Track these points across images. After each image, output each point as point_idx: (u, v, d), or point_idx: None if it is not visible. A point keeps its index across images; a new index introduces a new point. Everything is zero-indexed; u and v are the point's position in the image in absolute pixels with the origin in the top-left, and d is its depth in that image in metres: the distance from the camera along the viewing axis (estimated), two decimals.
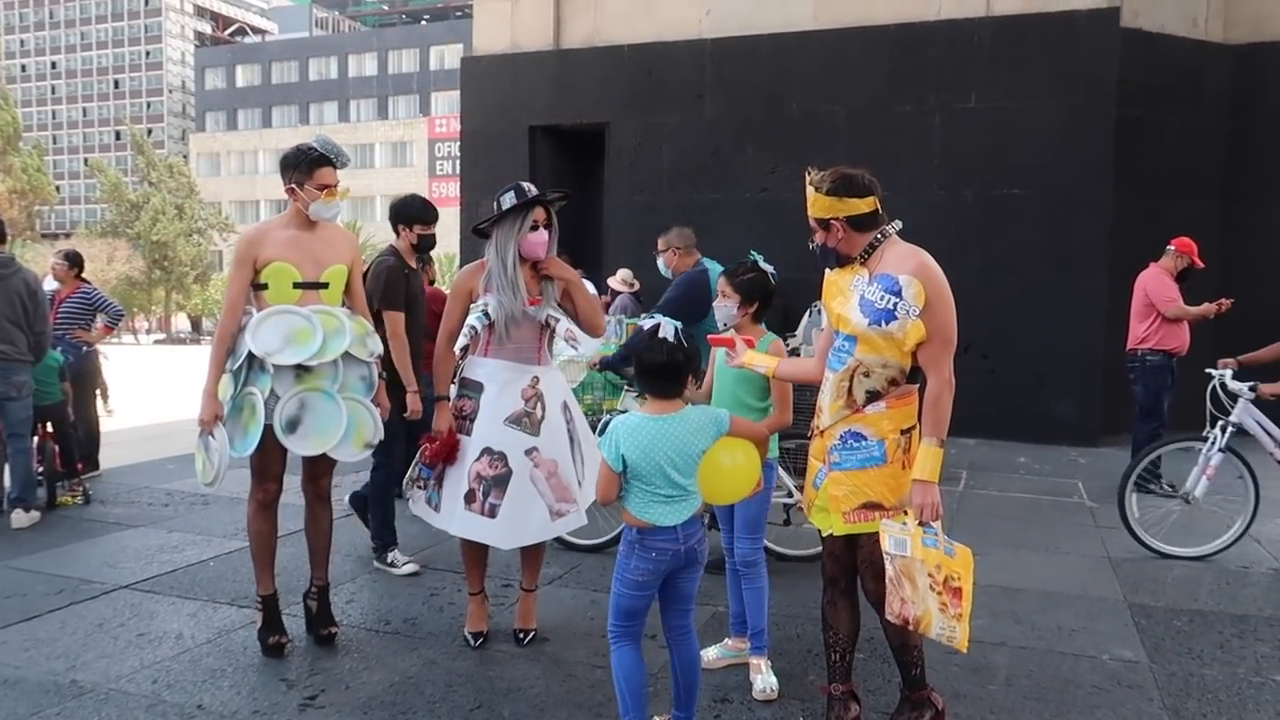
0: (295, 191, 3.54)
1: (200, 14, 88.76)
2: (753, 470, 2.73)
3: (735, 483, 2.74)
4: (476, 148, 11.09)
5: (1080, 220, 8.66)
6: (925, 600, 2.59)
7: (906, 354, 2.70)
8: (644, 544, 2.65)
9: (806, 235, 2.87)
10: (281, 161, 3.64)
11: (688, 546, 2.66)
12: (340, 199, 3.60)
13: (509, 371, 3.58)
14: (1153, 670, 3.54)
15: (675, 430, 2.63)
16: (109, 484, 6.63)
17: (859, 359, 2.75)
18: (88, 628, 3.87)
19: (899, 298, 2.65)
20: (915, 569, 2.60)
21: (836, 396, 2.80)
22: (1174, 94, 9.09)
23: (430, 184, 58.92)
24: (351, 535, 5.30)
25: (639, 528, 2.65)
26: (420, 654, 3.63)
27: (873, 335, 2.70)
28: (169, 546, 5.05)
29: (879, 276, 2.71)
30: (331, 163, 3.56)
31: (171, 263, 48.27)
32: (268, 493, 3.62)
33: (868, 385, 2.74)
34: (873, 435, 2.74)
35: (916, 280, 2.64)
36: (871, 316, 2.69)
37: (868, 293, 2.71)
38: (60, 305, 6.79)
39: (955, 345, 2.71)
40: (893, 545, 2.63)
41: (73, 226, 68.00)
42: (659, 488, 2.62)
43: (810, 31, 9.47)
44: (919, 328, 2.65)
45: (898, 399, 2.74)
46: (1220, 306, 6.41)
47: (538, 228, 3.56)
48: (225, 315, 3.56)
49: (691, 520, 2.67)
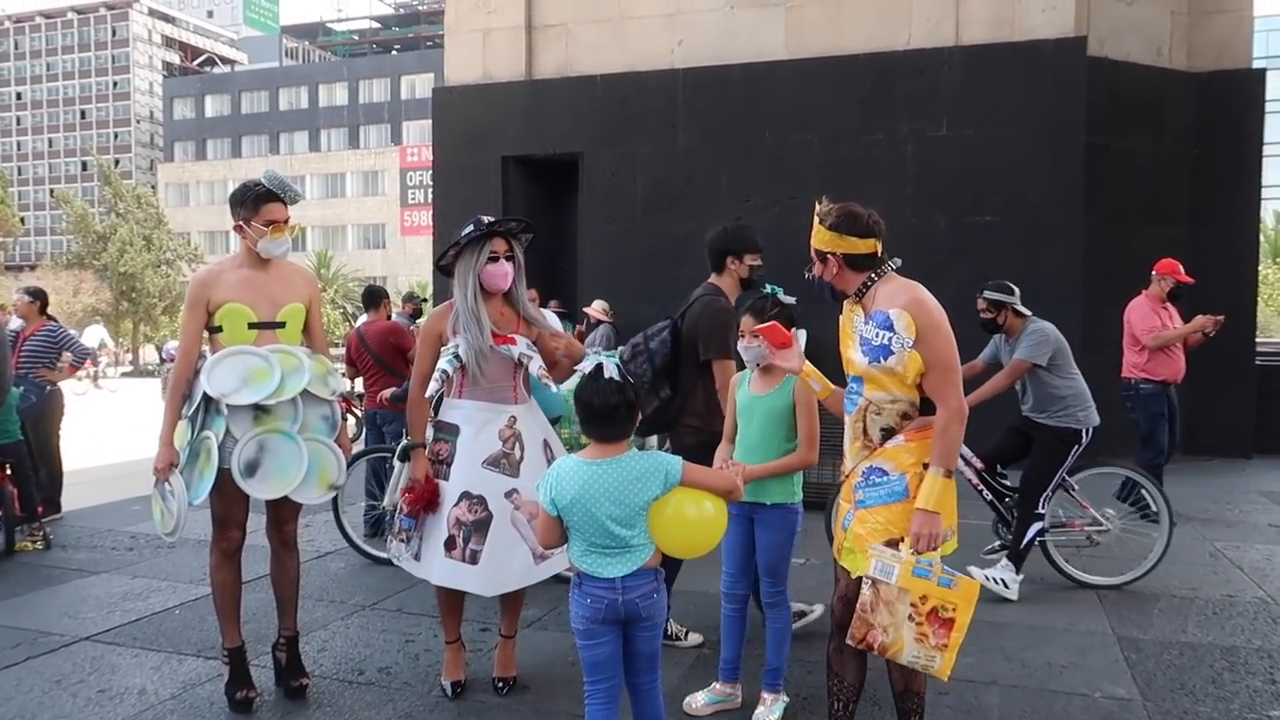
0: (243, 229, 3.44)
1: (169, 44, 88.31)
2: (721, 521, 2.58)
3: (701, 535, 2.56)
4: (449, 178, 11.01)
5: (1052, 246, 8.71)
6: (900, 629, 2.57)
7: (911, 387, 2.70)
8: (581, 590, 2.55)
9: (780, 262, 2.85)
10: (230, 198, 3.54)
11: (627, 599, 2.50)
12: (290, 235, 3.49)
13: (485, 412, 3.48)
14: (1146, 708, 3.48)
15: (613, 476, 2.48)
16: (70, 527, 6.43)
17: (868, 398, 2.76)
18: (45, 684, 3.70)
19: (891, 332, 2.66)
20: (896, 597, 2.57)
21: (854, 438, 2.81)
22: (1140, 121, 9.21)
23: (403, 213, 58.80)
24: (323, 579, 5.16)
25: (578, 574, 2.56)
26: (395, 706, 3.50)
27: (875, 373, 2.71)
28: (132, 594, 4.88)
29: (874, 314, 2.72)
30: (279, 198, 3.46)
31: (139, 294, 47.64)
32: (230, 540, 3.49)
33: (881, 423, 2.75)
34: (894, 470, 2.71)
35: (905, 313, 2.64)
36: (870, 355, 2.70)
37: (865, 331, 2.73)
38: (24, 343, 6.61)
39: (959, 374, 2.69)
40: (877, 570, 2.59)
41: (38, 258, 67.09)
42: (595, 536, 2.49)
43: (781, 61, 9.52)
44: (916, 359, 2.65)
45: (916, 431, 2.72)
46: (1214, 322, 6.37)
47: (497, 259, 3.46)
48: (179, 360, 3.46)
49: (637, 573, 2.51)
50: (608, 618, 2.53)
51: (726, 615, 3.42)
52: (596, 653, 2.56)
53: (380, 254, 59.32)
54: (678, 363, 3.89)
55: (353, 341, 6.33)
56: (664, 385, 3.89)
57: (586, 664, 2.59)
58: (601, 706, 2.58)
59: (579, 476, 2.50)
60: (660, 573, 2.60)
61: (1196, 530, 6.34)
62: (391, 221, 59.72)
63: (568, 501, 2.49)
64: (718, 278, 4.00)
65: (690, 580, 4.14)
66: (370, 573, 5.30)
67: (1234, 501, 7.27)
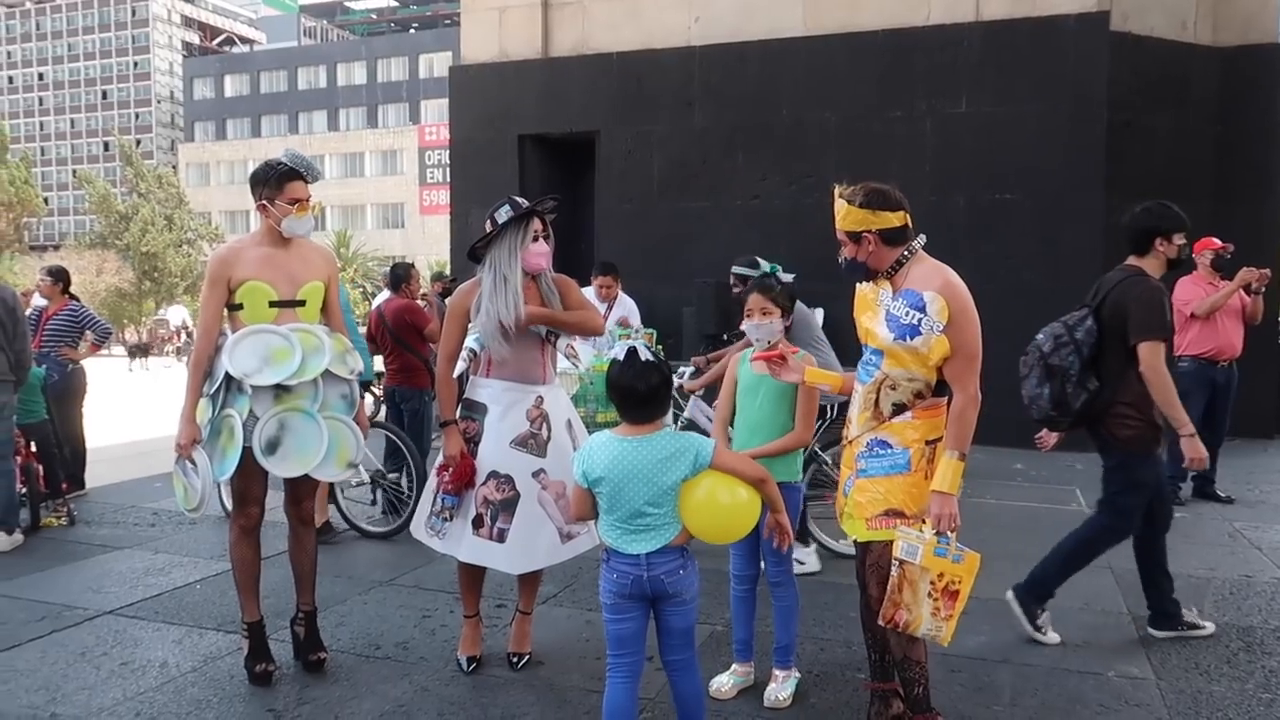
0: (266, 208, 3.45)
1: (188, 24, 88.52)
2: (755, 506, 2.62)
3: (735, 522, 2.60)
4: (466, 157, 11.01)
5: (1072, 224, 8.62)
6: (920, 606, 2.66)
7: (932, 369, 2.74)
8: (609, 565, 2.60)
9: (798, 240, 2.85)
10: (251, 178, 3.55)
11: (652, 575, 2.54)
12: (312, 213, 3.51)
13: (512, 392, 3.50)
14: (1160, 687, 3.48)
15: (644, 454, 2.52)
16: (94, 504, 6.52)
17: (885, 373, 2.79)
18: (69, 657, 3.78)
19: (923, 313, 2.69)
20: (918, 576, 2.65)
21: (864, 408, 2.85)
22: (1164, 97, 9.06)
23: (421, 192, 58.88)
24: (340, 556, 5.22)
25: (606, 548, 2.61)
26: (412, 680, 3.55)
27: (898, 350, 2.74)
28: (154, 569, 4.95)
29: (904, 292, 2.75)
30: (302, 176, 3.47)
31: (161, 274, 48.05)
32: (250, 518, 3.53)
33: (894, 398, 2.79)
34: (898, 444, 2.77)
35: (941, 297, 2.68)
36: (897, 332, 2.73)
37: (893, 308, 2.75)
38: (47, 322, 6.69)
39: (980, 362, 2.73)
40: (904, 551, 2.67)
41: (61, 238, 67.65)
42: (622, 512, 2.53)
43: (799, 38, 9.42)
44: (943, 343, 2.68)
45: (925, 410, 2.77)
46: (1259, 275, 6.16)
47: (538, 239, 3.50)
48: (200, 338, 3.48)
49: (663, 550, 2.54)
50: (634, 593, 2.57)
51: (737, 596, 3.44)
52: (622, 628, 2.60)
53: (399, 233, 59.44)
54: (1101, 351, 3.76)
55: (373, 319, 6.41)
56: (1090, 377, 3.75)
57: (611, 638, 2.62)
58: (623, 682, 2.61)
59: (610, 452, 2.54)
60: (688, 550, 2.63)
61: (1216, 510, 6.30)
62: (410, 201, 59.81)
63: (598, 475, 2.54)
64: (1140, 259, 3.84)
65: (697, 556, 4.16)
66: (387, 549, 5.36)
67: (1254, 482, 7.21)
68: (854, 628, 3.82)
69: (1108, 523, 3.89)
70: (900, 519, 2.74)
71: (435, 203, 55.33)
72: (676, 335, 8.78)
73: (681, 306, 9.05)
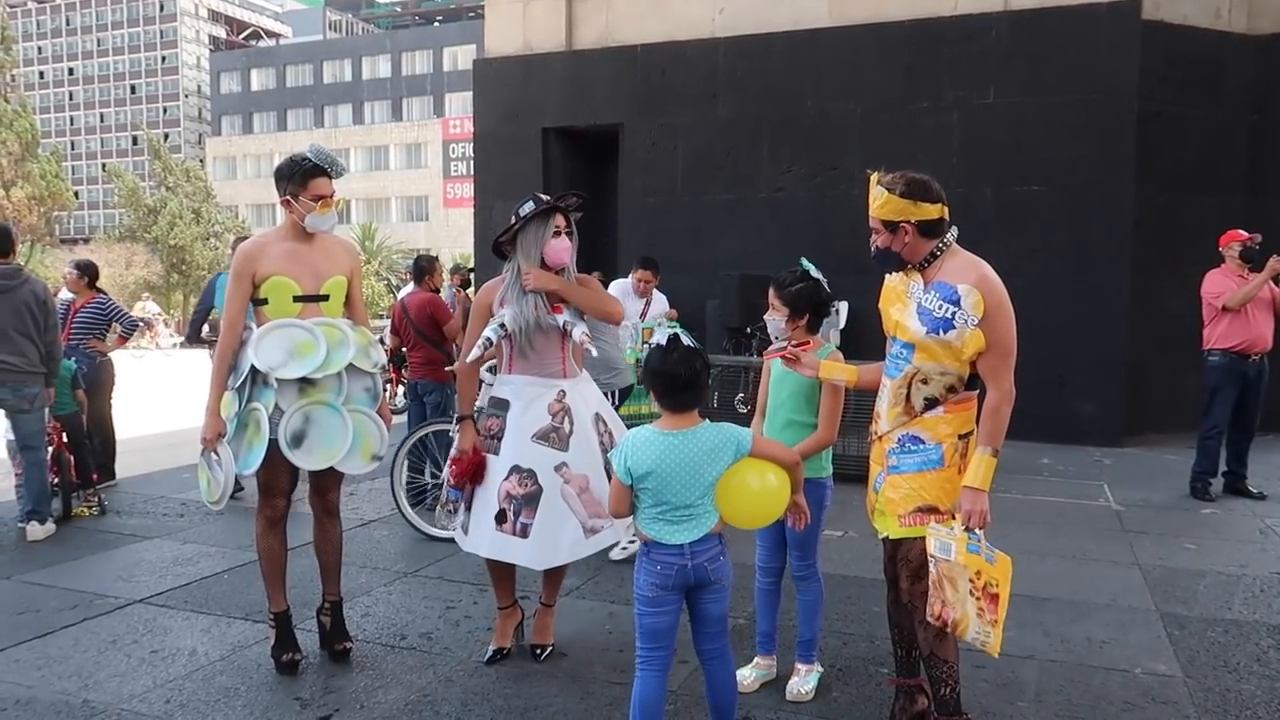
0: (290, 203, 3.47)
1: (214, 18, 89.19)
2: (784, 493, 2.63)
3: (765, 506, 2.63)
4: (490, 150, 11.04)
5: (1101, 217, 8.53)
6: (964, 604, 2.62)
7: (965, 363, 2.70)
8: (650, 558, 2.60)
9: (821, 233, 2.83)
10: (275, 173, 3.57)
11: (696, 564, 2.57)
12: (336, 209, 3.54)
13: (534, 387, 3.51)
14: (1187, 685, 3.44)
15: (689, 448, 2.54)
16: (124, 494, 6.61)
17: (917, 366, 2.75)
18: (101, 644, 3.84)
19: (957, 307, 2.65)
20: (957, 573, 2.62)
21: (895, 403, 2.81)
22: (1196, 86, 8.93)
23: (445, 185, 59.03)
24: (366, 546, 5.26)
25: (646, 542, 2.61)
26: (436, 670, 3.57)
27: (930, 343, 2.71)
28: (183, 559, 5.02)
29: (936, 284, 2.71)
30: (326, 173, 3.50)
31: (189, 266, 48.49)
32: (275, 509, 3.57)
33: (926, 392, 2.75)
34: (930, 439, 2.74)
35: (976, 290, 2.64)
36: (930, 325, 2.70)
37: (925, 301, 2.72)
38: (75, 316, 6.77)
39: (1014, 357, 2.70)
40: (937, 548, 2.64)
41: (91, 231, 68.47)
42: (666, 505, 2.55)
43: (824, 29, 9.37)
44: (978, 337, 2.65)
45: (956, 404, 2.74)
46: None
47: (559, 234, 3.50)
48: (225, 332, 3.50)
49: (704, 539, 2.58)
50: (676, 584, 2.58)
51: (761, 589, 3.43)
52: (659, 620, 2.60)
53: (423, 226, 59.65)
54: None
55: (396, 312, 6.48)
56: None
57: (645, 632, 2.62)
58: (655, 676, 2.62)
59: (656, 447, 2.56)
60: (724, 538, 2.64)
61: (1247, 506, 6.22)
62: (434, 194, 59.99)
63: (645, 471, 2.55)
64: None
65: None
66: (412, 540, 5.39)
67: None
68: (877, 622, 3.82)
69: None
70: (934, 514, 2.71)
71: (459, 195, 55.46)
72: (700, 328, 8.75)
73: (705, 299, 9.03)
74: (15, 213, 36.72)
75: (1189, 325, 6.83)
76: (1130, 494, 6.56)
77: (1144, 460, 7.85)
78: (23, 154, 37.97)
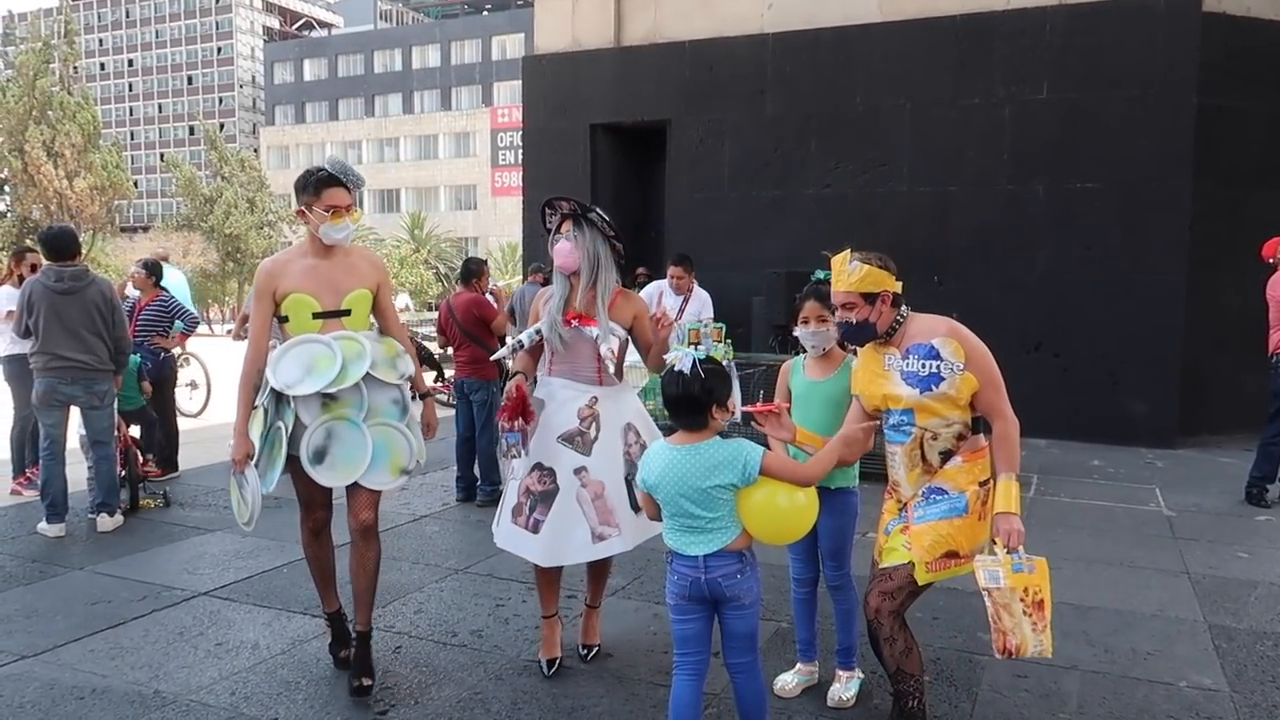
0: (305, 214, 3.47)
1: (269, 9, 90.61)
2: (812, 510, 2.71)
3: (793, 524, 2.71)
4: (539, 146, 11.14)
5: (1157, 214, 8.37)
6: (1021, 627, 2.68)
7: (964, 407, 2.87)
8: (671, 566, 2.70)
9: (870, 231, 2.93)
10: (294, 184, 3.58)
11: (710, 578, 2.61)
12: (352, 220, 3.48)
13: (568, 390, 3.59)
14: (1233, 700, 3.43)
15: (690, 462, 2.61)
16: (187, 486, 6.85)
17: (922, 427, 2.90)
18: (169, 636, 4.02)
19: (939, 360, 2.83)
20: (1009, 599, 2.68)
21: (912, 466, 2.94)
22: (1259, 80, 8.70)
23: (493, 174, 59.44)
24: (418, 542, 5.40)
25: (669, 550, 2.72)
26: (487, 668, 3.69)
27: (928, 401, 2.86)
28: (244, 552, 5.20)
29: (912, 349, 2.89)
30: (341, 183, 3.47)
31: (244, 255, 49.42)
32: (316, 520, 3.62)
33: (939, 447, 2.90)
34: (954, 488, 2.87)
35: (950, 339, 2.84)
36: (920, 386, 2.86)
37: (906, 366, 2.89)
38: (140, 313, 7.02)
39: (1004, 387, 2.86)
40: (987, 579, 2.70)
41: (150, 220, 70.08)
42: (677, 515, 2.65)
43: (874, 24, 9.29)
44: (969, 379, 2.82)
45: (971, 453, 2.89)
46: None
47: (559, 236, 3.55)
48: (250, 349, 3.48)
49: (720, 554, 2.61)
50: (694, 595, 2.65)
51: (798, 599, 3.49)
52: (685, 628, 2.70)
53: (472, 215, 60.17)
54: None
55: (442, 312, 6.65)
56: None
57: (676, 638, 2.72)
58: (688, 680, 2.70)
59: (662, 460, 2.67)
60: (748, 555, 2.69)
61: None
62: (482, 182, 60.44)
63: (652, 482, 2.67)
64: None
65: (762, 555, 4.21)
66: (462, 537, 5.53)
67: None
68: (917, 630, 3.84)
69: None
70: (956, 560, 2.82)
71: (507, 184, 55.82)
72: (746, 325, 8.78)
73: (751, 296, 9.04)
74: (79, 203, 37.67)
75: (1249, 324, 6.70)
76: (1182, 498, 6.48)
77: (1198, 463, 7.73)
78: (85, 145, 38.89)
